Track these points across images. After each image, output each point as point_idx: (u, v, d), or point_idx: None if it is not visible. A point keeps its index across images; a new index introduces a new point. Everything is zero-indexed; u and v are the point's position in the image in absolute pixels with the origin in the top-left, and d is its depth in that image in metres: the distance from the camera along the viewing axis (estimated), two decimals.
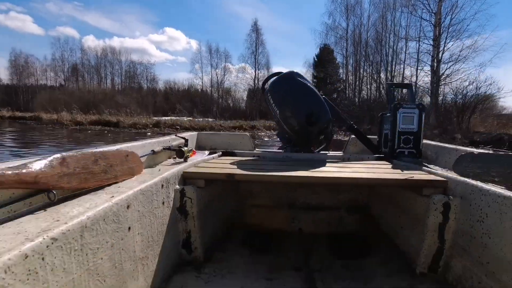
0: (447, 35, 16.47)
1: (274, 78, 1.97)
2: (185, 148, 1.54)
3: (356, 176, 1.27)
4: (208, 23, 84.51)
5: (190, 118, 30.19)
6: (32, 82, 46.15)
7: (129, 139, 9.14)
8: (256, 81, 38.94)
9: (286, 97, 1.82)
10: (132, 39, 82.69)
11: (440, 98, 16.48)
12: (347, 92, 30.73)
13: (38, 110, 33.04)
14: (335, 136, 14.31)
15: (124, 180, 1.07)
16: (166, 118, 26.35)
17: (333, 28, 30.54)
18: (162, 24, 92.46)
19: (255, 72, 38.60)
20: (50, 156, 0.83)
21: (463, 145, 8.74)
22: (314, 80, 37.48)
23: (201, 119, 29.03)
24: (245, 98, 41.48)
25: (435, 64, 16.28)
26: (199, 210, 1.32)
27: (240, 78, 39.91)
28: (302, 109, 1.77)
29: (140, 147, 1.35)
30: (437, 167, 1.51)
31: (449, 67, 16.00)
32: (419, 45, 18.12)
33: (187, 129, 14.31)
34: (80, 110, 30.09)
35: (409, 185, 1.27)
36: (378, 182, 1.34)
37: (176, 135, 1.69)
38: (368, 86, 27.06)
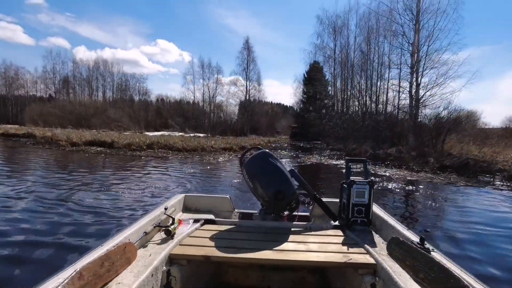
0: (424, 62, 17.68)
1: (250, 155, 2.31)
2: (172, 226, 1.79)
3: (309, 259, 1.60)
4: (201, 36, 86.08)
5: (181, 133, 30.74)
6: (22, 93, 46.03)
7: (125, 163, 9.62)
8: (247, 96, 39.84)
9: (258, 175, 2.16)
10: (124, 50, 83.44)
11: (420, 119, 17.52)
12: (335, 108, 31.72)
13: (28, 123, 33.07)
14: (324, 154, 15.06)
15: (123, 271, 1.34)
16: (158, 134, 26.86)
17: (321, 48, 31.83)
18: (155, 36, 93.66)
19: (246, 88, 39.51)
20: (70, 273, 1.09)
21: (433, 170, 9.48)
22: (304, 96, 38.64)
23: (193, 134, 29.58)
24: (236, 112, 42.19)
25: (413, 89, 17.44)
26: (182, 285, 1.53)
27: (231, 93, 40.70)
28: (271, 187, 2.09)
29: (135, 232, 1.62)
30: (380, 238, 1.90)
31: (425, 92, 17.15)
32: (400, 70, 19.35)
33: (179, 150, 14.91)
34: (71, 124, 30.30)
35: (348, 266, 1.56)
36: (324, 265, 1.67)
37: (165, 213, 1.93)
38: (356, 104, 28.06)
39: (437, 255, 1.34)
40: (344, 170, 2.24)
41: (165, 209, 1.95)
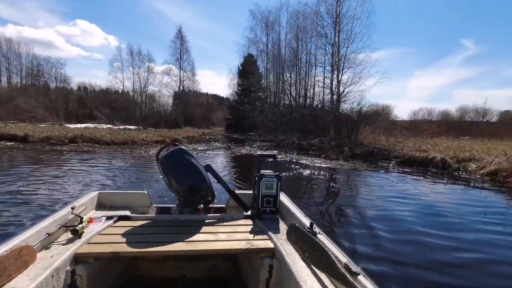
0: (344, 62, 19.85)
1: (166, 151, 2.34)
2: (80, 225, 1.70)
3: (219, 248, 1.72)
4: (129, 19, 80.00)
5: (110, 125, 28.61)
6: None
7: (42, 159, 8.73)
8: (181, 87, 38.80)
9: (173, 171, 2.19)
10: (34, 29, 72.80)
11: (341, 113, 19.69)
12: (268, 100, 33.13)
13: None
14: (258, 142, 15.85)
15: (17, 275, 1.25)
16: (82, 126, 24.58)
17: (254, 42, 32.81)
18: (73, 16, 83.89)
19: (180, 78, 38.43)
20: None
21: (346, 158, 11.04)
22: (239, 88, 39.37)
23: (122, 127, 27.77)
24: (170, 103, 40.76)
25: (334, 86, 19.50)
26: (89, 283, 1.51)
27: (164, 84, 39.06)
28: (185, 183, 2.17)
29: (35, 234, 1.53)
30: (284, 225, 2.06)
31: (344, 89, 19.40)
32: (324, 68, 21.34)
33: (107, 144, 14.12)
34: None
35: (252, 252, 1.73)
36: (232, 252, 1.82)
37: (72, 212, 1.84)
38: (287, 97, 29.76)
39: (321, 237, 1.58)
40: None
41: (72, 208, 1.88)
